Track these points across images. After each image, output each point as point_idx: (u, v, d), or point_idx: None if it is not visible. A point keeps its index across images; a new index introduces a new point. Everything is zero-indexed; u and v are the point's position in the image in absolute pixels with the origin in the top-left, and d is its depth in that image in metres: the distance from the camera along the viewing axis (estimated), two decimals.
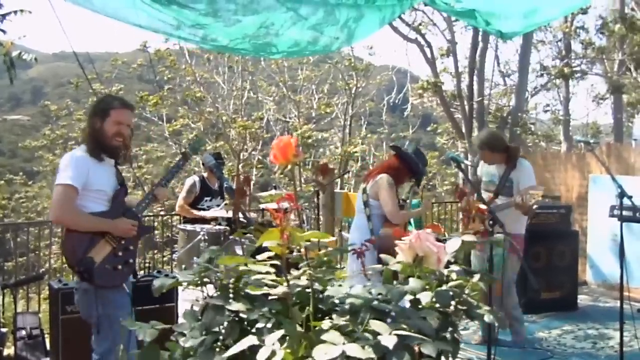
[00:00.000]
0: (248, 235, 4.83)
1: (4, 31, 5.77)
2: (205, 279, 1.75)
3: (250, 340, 1.49)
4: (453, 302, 1.60)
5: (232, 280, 1.69)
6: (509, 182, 5.12)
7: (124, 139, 3.47)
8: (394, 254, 1.77)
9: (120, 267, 3.40)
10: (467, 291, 1.64)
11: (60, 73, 45.38)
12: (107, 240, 3.38)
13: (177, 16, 4.53)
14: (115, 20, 4.35)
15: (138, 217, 3.56)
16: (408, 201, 5.00)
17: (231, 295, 1.66)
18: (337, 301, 1.64)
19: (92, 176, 3.36)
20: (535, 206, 5.02)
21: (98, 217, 3.37)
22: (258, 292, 1.67)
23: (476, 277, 1.66)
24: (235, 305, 1.61)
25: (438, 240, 1.75)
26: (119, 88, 15.13)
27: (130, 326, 1.74)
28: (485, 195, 5.36)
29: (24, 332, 4.95)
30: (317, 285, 1.66)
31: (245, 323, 1.65)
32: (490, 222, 3.91)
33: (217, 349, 1.60)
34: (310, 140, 14.30)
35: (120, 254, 3.42)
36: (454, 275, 1.68)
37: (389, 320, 1.49)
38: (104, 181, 3.44)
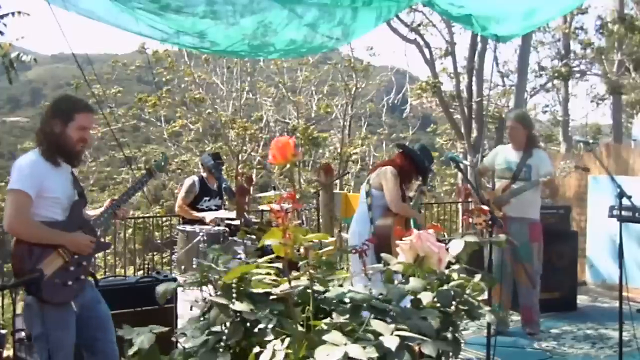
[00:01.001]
0: (250, 236, 4.80)
1: (1, 32, 5.76)
2: (207, 279, 1.75)
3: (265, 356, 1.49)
4: (454, 302, 1.60)
5: (235, 280, 1.68)
6: (526, 167, 5.26)
7: (85, 144, 3.27)
8: (391, 243, 1.77)
9: (70, 282, 3.14)
10: (468, 291, 1.64)
11: (59, 75, 45.35)
12: (59, 253, 3.12)
13: (175, 25, 4.56)
14: (117, 28, 4.38)
15: (95, 232, 3.34)
16: (413, 201, 5.02)
17: (234, 295, 1.66)
18: (337, 300, 1.64)
19: (47, 182, 3.12)
20: (566, 176, 5.22)
21: (54, 229, 3.13)
22: (261, 290, 1.67)
23: (477, 277, 1.66)
24: (239, 306, 1.61)
25: (439, 240, 1.75)
26: (117, 90, 15.11)
27: (127, 334, 1.72)
28: (499, 182, 5.45)
29: (23, 334, 4.94)
30: (317, 286, 1.66)
31: (248, 324, 1.65)
32: (490, 221, 3.91)
33: (220, 349, 1.60)
34: (315, 137, 14.28)
35: (72, 269, 3.16)
36: (455, 275, 1.68)
37: (388, 319, 1.49)
38: (59, 188, 3.19)
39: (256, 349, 1.49)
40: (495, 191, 5.40)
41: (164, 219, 10.51)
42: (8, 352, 5.28)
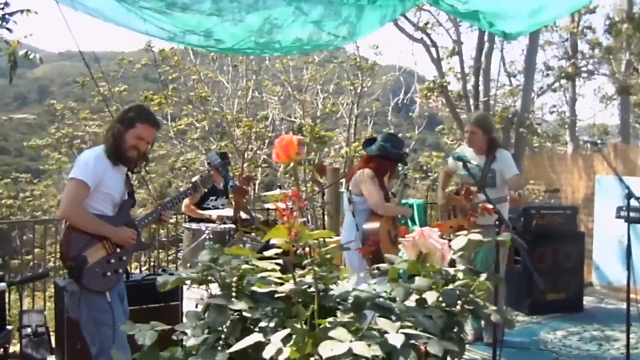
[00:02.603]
0: (252, 233, 4.85)
1: (10, 30, 5.78)
2: (209, 278, 1.74)
3: (254, 337, 1.49)
4: (459, 302, 1.59)
5: (234, 279, 1.68)
6: (491, 173, 5.07)
7: (138, 153, 3.53)
8: (381, 246, 1.76)
9: (109, 274, 3.40)
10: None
11: (66, 72, 45.50)
12: (104, 244, 3.40)
13: (181, 24, 4.57)
14: (124, 28, 4.41)
15: (138, 230, 3.60)
16: (397, 196, 4.96)
17: (234, 294, 1.66)
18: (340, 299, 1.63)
19: (106, 178, 3.40)
20: (536, 201, 4.97)
21: (102, 221, 3.40)
22: (264, 290, 1.67)
23: (482, 276, 1.65)
24: (238, 305, 1.61)
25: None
26: (123, 88, 15.13)
27: (129, 330, 1.73)
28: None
29: (29, 330, 4.96)
30: (321, 285, 1.65)
31: (248, 322, 1.65)
32: (497, 222, 3.89)
33: (220, 348, 1.60)
34: (322, 136, 14.25)
35: (112, 261, 3.43)
36: (460, 275, 1.67)
37: (392, 317, 1.48)
38: (114, 186, 3.48)
39: (250, 339, 1.48)
40: (462, 199, 5.20)
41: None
42: (14, 347, 5.30)
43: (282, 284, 1.65)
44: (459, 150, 5.39)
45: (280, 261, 1.73)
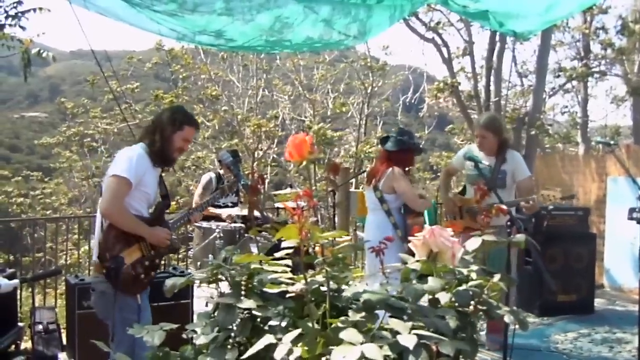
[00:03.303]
0: (263, 233, 4.88)
1: (23, 28, 5.82)
2: (219, 277, 1.75)
3: (266, 339, 1.48)
4: (472, 302, 1.59)
5: (244, 278, 1.68)
6: (501, 174, 4.99)
7: (180, 154, 3.64)
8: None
9: (142, 276, 3.39)
10: (486, 291, 1.62)
11: (77, 71, 45.80)
12: (140, 246, 3.38)
13: (191, 25, 4.60)
14: (137, 29, 4.44)
15: (172, 231, 3.61)
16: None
17: (243, 293, 1.66)
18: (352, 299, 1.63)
19: (146, 177, 3.40)
20: (550, 207, 4.91)
21: (140, 221, 3.39)
22: (275, 290, 1.67)
23: (496, 277, 1.64)
24: (247, 303, 1.61)
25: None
26: (135, 86, 15.20)
27: (137, 332, 1.73)
28: (473, 190, 5.26)
29: (40, 327, 4.99)
30: (333, 284, 1.65)
31: (258, 320, 1.65)
32: (508, 222, 3.87)
33: (229, 346, 1.60)
34: (328, 137, 14.25)
35: (147, 263, 3.41)
36: (473, 275, 1.66)
37: (404, 317, 1.47)
38: (152, 185, 3.49)
39: (263, 341, 1.47)
40: (469, 200, 5.13)
41: None
42: (26, 344, 5.33)
43: (293, 284, 1.65)
44: (467, 150, 5.33)
45: (290, 261, 1.73)
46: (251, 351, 1.46)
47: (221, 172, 6.54)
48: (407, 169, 4.91)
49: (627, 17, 12.57)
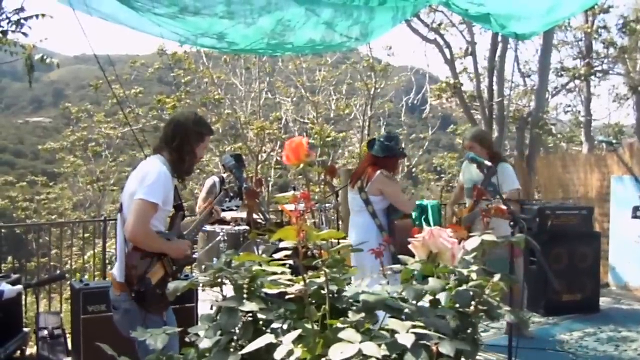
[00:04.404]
0: (264, 236, 4.88)
1: (25, 34, 5.84)
2: (221, 280, 1.75)
3: (266, 338, 1.49)
4: (473, 303, 1.59)
5: (246, 281, 1.69)
6: (491, 186, 5.04)
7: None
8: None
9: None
10: (487, 291, 1.62)
11: (81, 75, 45.92)
12: (163, 264, 3.30)
13: (193, 28, 4.61)
14: (138, 31, 4.46)
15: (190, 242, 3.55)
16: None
17: (245, 296, 1.66)
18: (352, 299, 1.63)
19: (169, 195, 3.28)
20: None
21: (162, 238, 3.29)
22: (275, 291, 1.67)
23: (496, 277, 1.64)
24: (249, 306, 1.61)
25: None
26: (138, 90, 15.24)
27: (140, 335, 1.74)
28: (468, 201, 5.36)
29: (45, 332, 5.00)
30: (332, 286, 1.66)
31: (260, 323, 1.66)
32: (511, 223, 3.87)
33: (232, 349, 1.60)
34: (331, 139, 14.25)
35: (170, 280, 3.28)
36: (474, 275, 1.66)
37: (404, 317, 1.48)
38: (172, 201, 3.37)
39: (262, 339, 1.48)
40: (463, 211, 5.34)
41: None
42: (31, 349, 5.35)
43: (292, 285, 1.66)
44: (464, 167, 5.52)
45: (291, 262, 1.74)
46: (249, 348, 1.47)
47: (225, 175, 6.56)
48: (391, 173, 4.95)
49: (629, 16, 12.55)
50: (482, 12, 4.91)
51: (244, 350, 1.48)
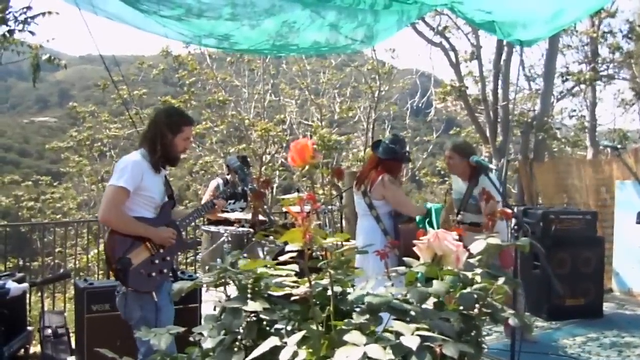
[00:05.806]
0: (270, 237, 4.89)
1: (32, 33, 5.87)
2: (225, 280, 1.76)
3: (271, 342, 1.50)
4: (477, 305, 1.59)
5: (250, 281, 1.69)
6: (472, 199, 5.08)
7: (183, 152, 3.76)
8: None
9: (153, 274, 3.50)
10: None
11: (86, 75, 45.98)
12: (147, 246, 3.50)
13: (198, 29, 4.63)
14: (144, 31, 4.48)
15: (179, 230, 3.71)
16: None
17: (249, 296, 1.67)
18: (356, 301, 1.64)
19: (145, 181, 3.49)
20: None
21: (141, 222, 3.49)
22: (280, 293, 1.68)
23: (501, 280, 1.64)
24: (252, 306, 1.62)
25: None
26: (143, 91, 15.27)
27: (144, 335, 1.76)
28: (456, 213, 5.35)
29: (49, 331, 5.02)
30: (337, 287, 1.66)
31: (264, 323, 1.66)
32: (515, 227, 3.87)
33: (236, 349, 1.61)
34: (331, 143, 14.23)
35: (156, 262, 3.52)
36: (478, 278, 1.66)
37: (409, 319, 1.48)
38: (155, 188, 3.58)
39: (267, 343, 1.49)
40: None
41: None
42: (35, 348, 5.37)
43: (297, 287, 1.66)
44: (452, 179, 5.51)
45: (296, 264, 1.74)
46: (256, 352, 1.47)
47: (229, 177, 6.57)
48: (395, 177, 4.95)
49: (635, 21, 12.53)
50: (487, 19, 4.91)
51: (251, 356, 1.49)
